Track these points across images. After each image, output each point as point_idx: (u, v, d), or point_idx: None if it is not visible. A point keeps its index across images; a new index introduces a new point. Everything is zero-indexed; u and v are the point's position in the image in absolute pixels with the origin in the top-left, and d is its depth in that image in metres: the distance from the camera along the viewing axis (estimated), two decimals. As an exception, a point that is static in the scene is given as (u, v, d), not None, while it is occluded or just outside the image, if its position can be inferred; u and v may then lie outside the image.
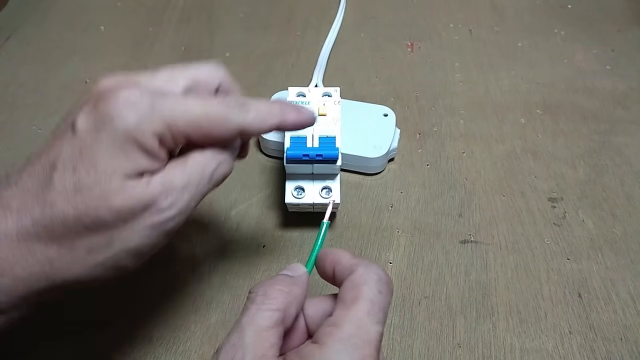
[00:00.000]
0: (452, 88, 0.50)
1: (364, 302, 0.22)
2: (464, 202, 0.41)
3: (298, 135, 0.35)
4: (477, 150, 0.44)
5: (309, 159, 0.34)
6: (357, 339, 0.21)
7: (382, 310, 0.23)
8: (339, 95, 0.36)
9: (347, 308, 0.22)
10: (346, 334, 0.21)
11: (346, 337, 0.21)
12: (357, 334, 0.21)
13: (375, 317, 0.22)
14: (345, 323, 0.21)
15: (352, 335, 0.21)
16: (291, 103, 0.27)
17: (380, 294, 0.23)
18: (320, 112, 0.35)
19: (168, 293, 0.36)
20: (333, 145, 0.34)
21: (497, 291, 0.36)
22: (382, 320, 0.22)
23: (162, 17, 0.58)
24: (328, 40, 0.53)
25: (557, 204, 0.41)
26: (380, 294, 0.23)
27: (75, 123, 0.22)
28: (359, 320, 0.22)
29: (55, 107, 0.48)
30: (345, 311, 0.22)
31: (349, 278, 0.23)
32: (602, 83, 0.50)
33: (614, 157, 0.44)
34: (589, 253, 0.38)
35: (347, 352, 0.21)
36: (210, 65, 0.26)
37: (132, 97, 0.22)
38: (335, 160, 0.34)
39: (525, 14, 0.58)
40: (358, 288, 0.23)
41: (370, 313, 0.22)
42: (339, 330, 0.21)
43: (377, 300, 0.22)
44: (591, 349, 0.33)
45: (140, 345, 0.33)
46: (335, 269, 0.25)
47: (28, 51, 0.54)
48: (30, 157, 0.24)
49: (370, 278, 0.23)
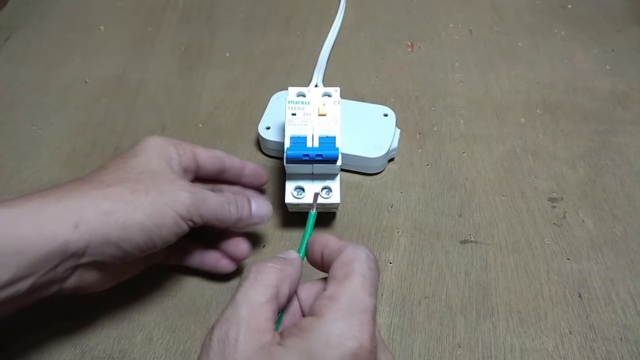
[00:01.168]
0: (452, 88, 0.50)
1: (357, 277, 0.23)
2: (464, 202, 0.41)
3: (298, 135, 0.35)
4: (477, 150, 0.44)
5: (309, 159, 0.34)
6: (353, 309, 0.22)
7: (373, 285, 0.23)
8: (339, 95, 0.36)
9: (340, 283, 0.23)
10: (343, 304, 0.22)
11: (343, 308, 0.22)
12: (353, 304, 0.22)
13: (368, 290, 0.23)
14: (341, 296, 0.22)
15: (348, 306, 0.22)
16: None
17: (370, 270, 0.24)
18: (320, 112, 0.35)
19: (168, 293, 0.36)
20: (333, 145, 0.34)
21: (497, 291, 0.36)
22: (375, 294, 0.23)
23: (162, 17, 0.58)
24: (328, 40, 0.53)
25: (557, 204, 0.41)
26: (370, 270, 0.24)
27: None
28: (353, 292, 0.22)
29: (55, 107, 0.48)
30: (339, 286, 0.23)
31: (339, 258, 0.24)
32: (602, 83, 0.50)
33: (614, 157, 0.44)
34: (589, 253, 0.38)
35: (345, 321, 0.21)
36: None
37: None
38: (335, 160, 0.34)
39: (525, 14, 0.58)
40: (349, 265, 0.24)
41: (363, 286, 0.23)
42: (335, 302, 0.22)
43: (368, 275, 0.23)
44: (591, 349, 0.33)
45: (141, 345, 0.33)
46: (324, 253, 0.26)
47: (28, 51, 0.54)
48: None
49: (359, 256, 0.24)
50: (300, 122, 0.35)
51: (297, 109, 0.35)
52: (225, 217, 0.31)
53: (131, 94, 0.50)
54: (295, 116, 0.35)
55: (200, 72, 0.52)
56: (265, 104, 0.45)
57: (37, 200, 0.25)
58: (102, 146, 0.45)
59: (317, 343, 0.20)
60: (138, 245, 0.27)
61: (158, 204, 0.27)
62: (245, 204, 0.33)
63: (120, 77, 0.51)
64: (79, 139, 0.46)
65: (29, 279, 0.24)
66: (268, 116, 0.44)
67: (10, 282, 0.24)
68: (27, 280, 0.24)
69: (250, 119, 0.47)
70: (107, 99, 0.49)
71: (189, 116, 0.48)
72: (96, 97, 0.49)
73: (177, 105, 0.49)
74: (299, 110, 0.35)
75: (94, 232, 0.25)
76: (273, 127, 0.43)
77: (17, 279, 0.24)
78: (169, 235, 0.28)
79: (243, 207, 0.32)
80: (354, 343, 0.20)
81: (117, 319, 0.34)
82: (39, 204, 0.25)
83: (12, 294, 0.24)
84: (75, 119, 0.47)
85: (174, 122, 0.47)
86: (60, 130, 0.46)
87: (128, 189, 0.27)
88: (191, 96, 0.49)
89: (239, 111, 0.48)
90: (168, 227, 0.28)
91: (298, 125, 0.35)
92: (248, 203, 0.33)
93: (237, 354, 0.21)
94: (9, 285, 0.24)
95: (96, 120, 0.47)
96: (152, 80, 0.51)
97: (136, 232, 0.27)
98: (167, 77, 0.51)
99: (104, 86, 0.50)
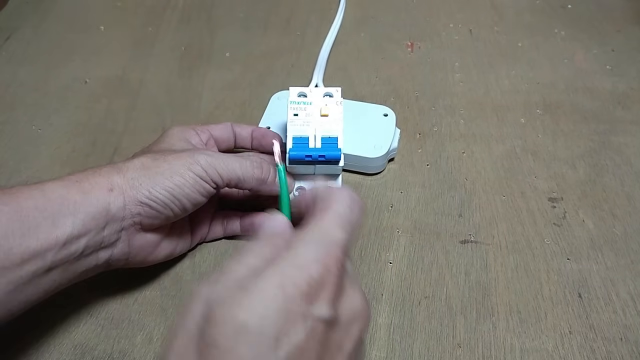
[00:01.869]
0: (452, 88, 0.50)
1: (331, 213, 0.23)
2: (464, 202, 0.41)
3: (300, 136, 0.35)
4: (477, 151, 0.44)
5: (312, 159, 0.34)
6: (322, 238, 0.22)
7: (349, 223, 0.23)
8: (340, 96, 0.36)
9: (313, 217, 0.23)
10: (309, 234, 0.22)
11: (309, 235, 0.22)
12: (322, 235, 0.22)
13: (341, 226, 0.23)
14: (310, 227, 0.23)
15: (315, 235, 0.22)
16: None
17: (350, 209, 0.24)
18: (322, 113, 0.35)
19: (168, 293, 0.36)
20: (335, 146, 0.34)
21: (497, 291, 0.36)
22: (349, 231, 0.23)
23: (162, 17, 0.58)
24: (328, 40, 0.53)
25: (557, 204, 0.41)
26: (350, 209, 0.24)
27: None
28: (323, 225, 0.23)
29: (55, 107, 0.48)
30: (313, 219, 0.23)
31: (321, 196, 0.25)
32: (602, 83, 0.50)
33: (614, 157, 0.44)
34: (589, 253, 0.38)
35: (311, 248, 0.21)
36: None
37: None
38: (338, 161, 0.34)
39: (525, 14, 0.58)
40: (328, 202, 0.24)
41: (336, 222, 0.23)
42: (302, 232, 0.22)
43: (344, 213, 0.23)
44: (591, 349, 0.33)
45: (141, 345, 0.33)
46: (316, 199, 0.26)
47: (28, 51, 0.54)
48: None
49: (342, 197, 0.24)
50: (302, 122, 0.35)
51: (300, 110, 0.35)
52: (248, 177, 0.33)
53: (131, 94, 0.50)
54: (297, 117, 0.35)
55: (201, 72, 0.52)
56: (265, 104, 0.45)
57: (79, 174, 0.30)
58: (102, 146, 0.45)
59: (288, 267, 0.20)
60: (166, 204, 0.31)
61: (176, 166, 0.31)
62: (271, 170, 0.35)
63: (120, 77, 0.51)
64: (79, 139, 0.46)
65: (83, 238, 0.28)
66: (268, 116, 0.44)
67: (68, 240, 0.27)
68: (81, 240, 0.28)
69: (250, 119, 0.47)
70: (107, 99, 0.49)
71: (189, 116, 0.48)
72: (96, 97, 0.49)
73: (177, 106, 0.49)
74: (301, 111, 0.35)
75: (126, 194, 0.30)
76: (273, 126, 0.43)
77: (74, 238, 0.28)
78: (193, 194, 0.31)
79: (268, 170, 0.35)
80: (319, 266, 0.20)
81: (117, 319, 0.34)
82: (80, 177, 0.29)
83: (71, 253, 0.28)
84: (75, 119, 0.47)
85: (174, 122, 0.47)
86: (60, 130, 0.46)
87: (150, 159, 0.31)
88: (191, 96, 0.49)
89: (239, 111, 0.48)
90: (189, 187, 0.31)
91: (300, 125, 0.35)
92: (273, 169, 0.35)
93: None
94: (67, 243, 0.27)
95: (96, 120, 0.47)
96: (152, 81, 0.51)
97: (160, 192, 0.30)
98: (167, 77, 0.51)
99: (104, 86, 0.50)
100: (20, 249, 0.26)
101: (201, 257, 0.38)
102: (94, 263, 0.30)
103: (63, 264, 0.28)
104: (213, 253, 0.38)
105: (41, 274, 0.27)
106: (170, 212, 0.31)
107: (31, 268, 0.26)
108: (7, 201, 0.27)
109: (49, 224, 0.27)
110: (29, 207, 0.27)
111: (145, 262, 0.33)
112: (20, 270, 0.26)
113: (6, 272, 0.25)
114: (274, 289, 0.19)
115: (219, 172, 0.32)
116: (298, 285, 0.19)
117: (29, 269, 0.26)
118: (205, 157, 0.32)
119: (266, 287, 0.19)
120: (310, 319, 0.19)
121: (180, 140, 0.35)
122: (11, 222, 0.26)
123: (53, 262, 0.27)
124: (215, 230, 0.38)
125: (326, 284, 0.20)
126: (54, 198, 0.28)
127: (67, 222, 0.27)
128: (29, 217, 0.26)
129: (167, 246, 0.34)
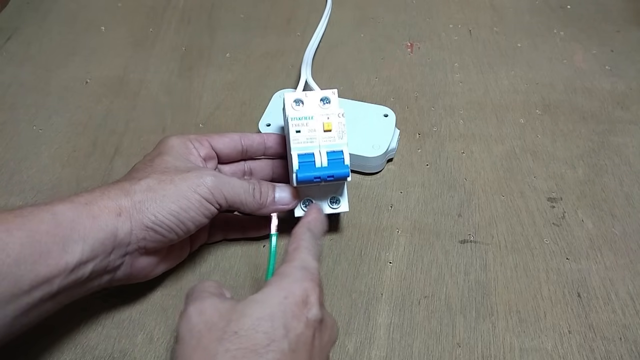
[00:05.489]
0: (452, 88, 0.50)
1: (304, 248, 0.29)
2: (464, 202, 0.41)
3: (305, 153, 0.34)
4: (476, 151, 0.45)
5: (320, 180, 0.33)
6: (303, 267, 0.28)
7: (318, 254, 0.30)
8: (337, 99, 0.35)
9: (291, 254, 0.29)
10: (295, 265, 0.28)
11: (295, 266, 0.28)
12: (302, 265, 0.28)
13: (312, 256, 0.29)
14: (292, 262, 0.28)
15: (298, 265, 0.28)
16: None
17: (316, 244, 0.30)
18: (325, 128, 0.34)
19: (168, 293, 0.36)
20: (342, 163, 0.34)
21: (496, 291, 0.36)
22: (318, 258, 0.29)
23: (162, 17, 0.58)
24: (316, 35, 0.52)
25: (556, 204, 0.41)
26: (316, 244, 0.30)
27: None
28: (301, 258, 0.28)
29: (55, 107, 0.48)
30: (290, 255, 0.29)
31: (290, 240, 0.30)
32: (601, 83, 0.50)
33: (613, 157, 0.44)
34: (588, 253, 0.38)
35: (298, 273, 0.27)
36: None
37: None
38: (346, 177, 0.34)
39: (525, 14, 0.58)
40: (297, 242, 0.29)
41: (309, 254, 0.29)
42: (289, 266, 0.28)
43: (312, 247, 0.29)
44: (590, 348, 0.33)
45: (141, 345, 0.33)
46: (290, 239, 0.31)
47: (28, 51, 0.54)
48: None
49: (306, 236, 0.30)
50: (305, 139, 0.34)
51: (301, 126, 0.34)
52: (249, 202, 0.34)
53: (132, 94, 0.50)
54: (299, 133, 0.34)
55: (201, 72, 0.52)
56: (266, 104, 0.45)
57: (87, 195, 0.29)
58: (103, 146, 0.45)
59: (287, 285, 0.26)
60: (171, 229, 0.31)
61: (182, 189, 0.31)
62: (270, 192, 0.35)
63: (120, 77, 0.51)
64: (79, 139, 0.46)
65: (90, 263, 0.28)
66: (269, 114, 0.44)
67: (77, 265, 0.27)
68: (88, 265, 0.28)
69: (251, 119, 0.47)
70: (108, 99, 0.49)
71: (189, 116, 0.48)
72: (97, 97, 0.49)
73: (177, 106, 0.49)
74: (303, 127, 0.34)
75: (133, 219, 0.29)
76: (274, 124, 0.43)
77: (82, 263, 0.27)
78: (198, 216, 0.31)
79: (267, 193, 0.35)
80: (307, 284, 0.26)
81: (118, 318, 0.34)
82: (89, 199, 0.29)
83: (77, 278, 0.28)
84: (75, 119, 0.47)
85: (175, 122, 0.47)
86: (61, 130, 0.46)
87: (156, 180, 0.31)
88: (191, 96, 0.50)
89: (239, 111, 0.48)
90: (195, 210, 0.31)
91: (304, 143, 0.34)
92: (272, 190, 0.35)
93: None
94: (75, 268, 0.27)
95: (97, 120, 0.47)
96: (153, 81, 0.51)
97: (166, 216, 0.30)
98: (167, 78, 0.51)
99: (104, 86, 0.50)
100: (30, 276, 0.25)
101: (201, 257, 0.38)
102: (96, 285, 0.30)
103: (69, 289, 0.28)
104: (213, 253, 0.38)
105: (47, 299, 0.27)
106: (175, 235, 0.31)
107: (39, 294, 0.26)
108: (20, 225, 0.26)
109: (59, 249, 0.27)
110: (41, 232, 0.26)
111: (145, 279, 0.34)
112: (29, 297, 0.26)
113: (15, 299, 0.25)
114: (280, 298, 0.25)
115: (225, 194, 0.32)
116: (296, 296, 0.25)
117: (36, 296, 0.26)
118: (212, 178, 0.32)
119: (274, 297, 0.25)
120: (305, 317, 0.25)
121: (180, 154, 0.34)
122: (24, 248, 0.26)
123: (60, 287, 0.27)
124: (215, 235, 0.38)
125: (313, 295, 0.26)
126: (64, 222, 0.27)
127: (76, 248, 0.27)
128: (41, 242, 0.26)
129: (167, 263, 0.34)
